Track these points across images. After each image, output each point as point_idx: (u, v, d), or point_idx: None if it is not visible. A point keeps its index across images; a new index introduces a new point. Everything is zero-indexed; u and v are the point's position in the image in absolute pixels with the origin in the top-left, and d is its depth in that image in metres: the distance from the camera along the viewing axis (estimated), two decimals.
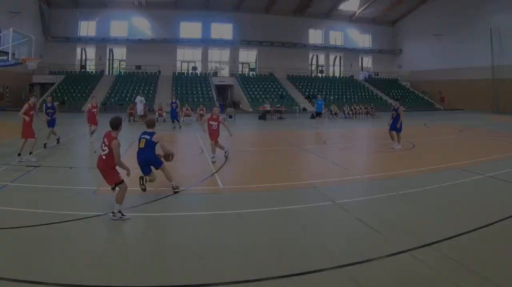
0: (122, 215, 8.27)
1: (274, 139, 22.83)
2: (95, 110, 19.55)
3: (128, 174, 8.69)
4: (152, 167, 10.57)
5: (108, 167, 8.66)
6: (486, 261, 6.52)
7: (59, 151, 16.71)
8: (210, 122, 15.39)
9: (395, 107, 19.02)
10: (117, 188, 8.49)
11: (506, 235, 7.82)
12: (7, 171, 12.82)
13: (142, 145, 10.38)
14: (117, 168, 8.66)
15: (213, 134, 15.33)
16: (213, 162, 14.83)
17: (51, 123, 17.62)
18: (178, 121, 28.22)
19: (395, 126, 18.69)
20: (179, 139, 22.79)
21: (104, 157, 8.58)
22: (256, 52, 63.81)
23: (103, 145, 8.72)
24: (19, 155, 14.36)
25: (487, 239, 7.61)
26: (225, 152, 15.65)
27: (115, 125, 8.72)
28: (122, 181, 8.54)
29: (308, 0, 58.61)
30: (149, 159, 10.42)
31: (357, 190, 11.61)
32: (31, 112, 15.15)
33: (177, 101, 29.02)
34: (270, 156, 17.01)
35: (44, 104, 18.14)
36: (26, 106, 15.31)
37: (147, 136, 10.39)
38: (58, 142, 18.14)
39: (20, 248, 6.75)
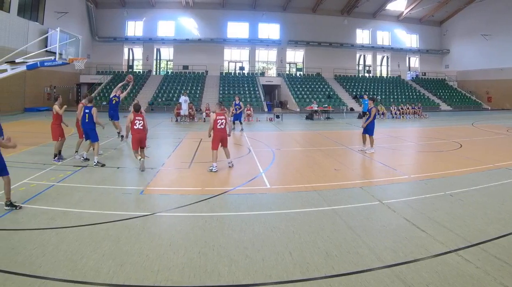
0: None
1: (321, 139, 22.71)
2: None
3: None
4: None
5: (146, 133, 13.96)
6: None
7: (106, 151, 16.90)
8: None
9: (369, 108, 18.26)
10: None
11: None
12: (54, 170, 13.07)
13: None
14: None
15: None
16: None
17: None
18: (241, 122, 28.30)
19: (366, 128, 17.82)
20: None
21: (141, 127, 13.60)
22: (303, 52, 63.54)
23: (138, 121, 13.66)
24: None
25: None
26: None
27: (139, 108, 14.06)
28: None
29: (355, 0, 58.19)
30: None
31: (404, 190, 11.43)
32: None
33: (241, 102, 28.93)
34: (317, 155, 16.87)
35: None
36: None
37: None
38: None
39: (68, 248, 6.87)
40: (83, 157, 14.88)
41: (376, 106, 18.49)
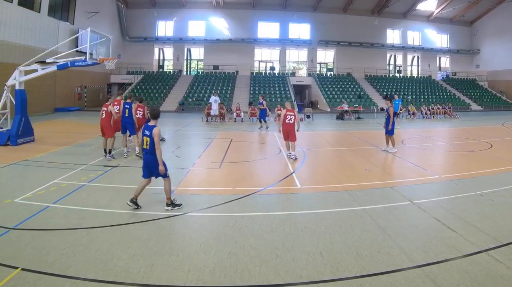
0: None
1: (351, 139, 22.60)
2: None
3: None
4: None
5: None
6: None
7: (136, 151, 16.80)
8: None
9: (386, 109, 18.19)
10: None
11: None
12: (85, 170, 13.16)
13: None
14: None
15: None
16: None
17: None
18: (265, 121, 28.26)
19: (387, 129, 17.80)
20: (257, 139, 23.03)
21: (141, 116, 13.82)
22: (334, 52, 63.08)
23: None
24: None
25: None
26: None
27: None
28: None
29: (386, 0, 57.72)
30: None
31: (435, 190, 11.36)
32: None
33: (264, 101, 29.01)
34: (347, 155, 16.85)
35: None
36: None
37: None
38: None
39: (98, 248, 6.92)
40: (124, 153, 16.00)
41: (393, 105, 18.40)
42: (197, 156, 16.63)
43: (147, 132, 8.97)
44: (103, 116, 15.39)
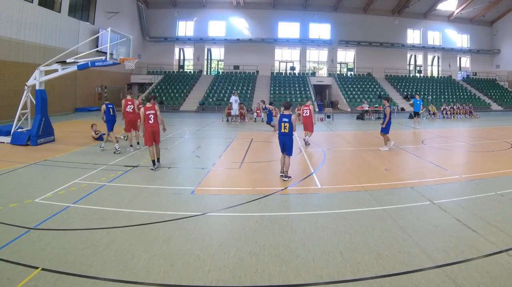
0: None
1: (371, 139, 22.38)
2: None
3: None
4: None
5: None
6: None
7: None
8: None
9: (384, 108, 18.58)
10: None
11: None
12: (105, 171, 13.24)
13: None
14: None
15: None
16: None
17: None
18: (272, 125, 28.15)
19: (382, 128, 18.29)
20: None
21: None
22: (354, 52, 62.75)
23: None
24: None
25: None
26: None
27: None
28: None
29: (406, 0, 57.31)
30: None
31: (455, 190, 11.24)
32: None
33: (269, 106, 28.82)
34: (367, 156, 16.75)
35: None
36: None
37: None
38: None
39: (118, 248, 6.95)
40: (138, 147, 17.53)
41: (390, 106, 18.65)
42: (217, 156, 16.67)
43: (285, 119, 12.04)
44: (151, 121, 13.56)
